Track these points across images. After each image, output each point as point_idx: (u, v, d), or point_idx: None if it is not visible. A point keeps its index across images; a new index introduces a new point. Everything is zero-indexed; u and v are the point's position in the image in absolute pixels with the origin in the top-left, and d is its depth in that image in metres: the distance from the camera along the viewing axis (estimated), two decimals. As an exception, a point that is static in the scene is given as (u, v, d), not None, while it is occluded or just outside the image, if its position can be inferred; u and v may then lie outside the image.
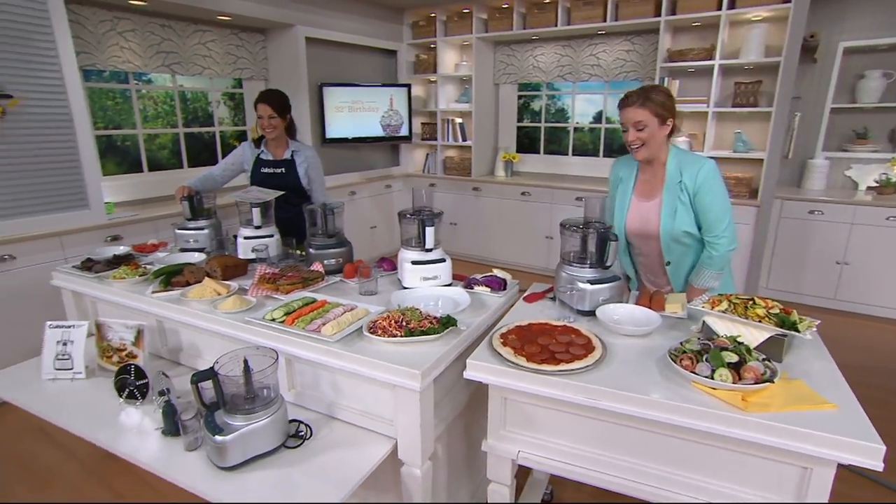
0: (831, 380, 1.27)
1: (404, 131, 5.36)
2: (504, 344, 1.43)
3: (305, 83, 4.43)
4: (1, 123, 2.68)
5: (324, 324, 1.57)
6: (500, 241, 5.15)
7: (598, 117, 5.09)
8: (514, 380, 1.34)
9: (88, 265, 2.14)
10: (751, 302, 1.40)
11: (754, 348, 1.30)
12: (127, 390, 1.68)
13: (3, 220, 2.75)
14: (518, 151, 5.54)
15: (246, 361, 1.40)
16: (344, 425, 1.58)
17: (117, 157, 3.74)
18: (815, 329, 1.36)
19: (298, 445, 1.47)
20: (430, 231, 1.89)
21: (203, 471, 1.38)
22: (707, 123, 4.04)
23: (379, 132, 5.20)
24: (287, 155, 2.76)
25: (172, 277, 1.96)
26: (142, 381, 1.68)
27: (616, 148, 5.04)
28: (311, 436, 1.51)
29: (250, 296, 1.83)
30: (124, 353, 1.79)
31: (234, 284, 1.92)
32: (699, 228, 1.89)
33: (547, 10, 4.52)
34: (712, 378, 1.18)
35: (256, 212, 2.21)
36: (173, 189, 2.51)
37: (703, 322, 1.44)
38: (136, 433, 1.56)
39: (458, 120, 5.39)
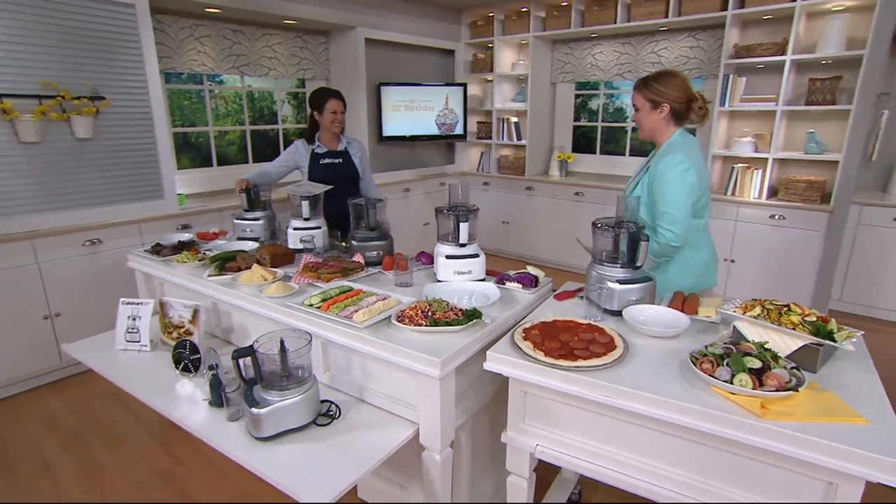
0: (870, 394, 1.20)
1: (459, 130, 5.43)
2: (525, 338, 1.45)
3: (364, 82, 4.59)
4: (95, 122, 2.99)
5: (356, 311, 1.66)
6: (551, 240, 5.10)
7: (658, 116, 4.92)
8: (531, 373, 1.36)
9: (157, 249, 2.37)
10: (786, 308, 1.34)
11: (786, 356, 1.25)
12: (182, 363, 1.86)
13: (93, 208, 3.08)
14: (574, 151, 5.46)
15: (282, 341, 1.50)
16: (371, 408, 1.66)
17: (191, 152, 4.07)
18: (855, 340, 1.28)
19: (328, 424, 1.57)
20: (464, 227, 1.94)
21: (241, 440, 1.51)
22: (775, 123, 3.80)
23: (434, 131, 5.29)
24: (342, 147, 2.93)
25: (227, 263, 2.12)
26: (195, 356, 1.84)
27: (676, 148, 4.84)
28: (339, 415, 1.60)
29: (294, 282, 1.96)
30: (182, 330, 1.97)
31: (280, 271, 2.06)
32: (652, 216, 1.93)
33: (606, 6, 4.43)
34: (731, 383, 1.14)
35: (305, 205, 2.35)
36: (238, 182, 2.71)
37: (734, 327, 1.39)
38: (187, 402, 1.72)
39: (514, 119, 5.39)
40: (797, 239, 3.73)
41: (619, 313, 1.61)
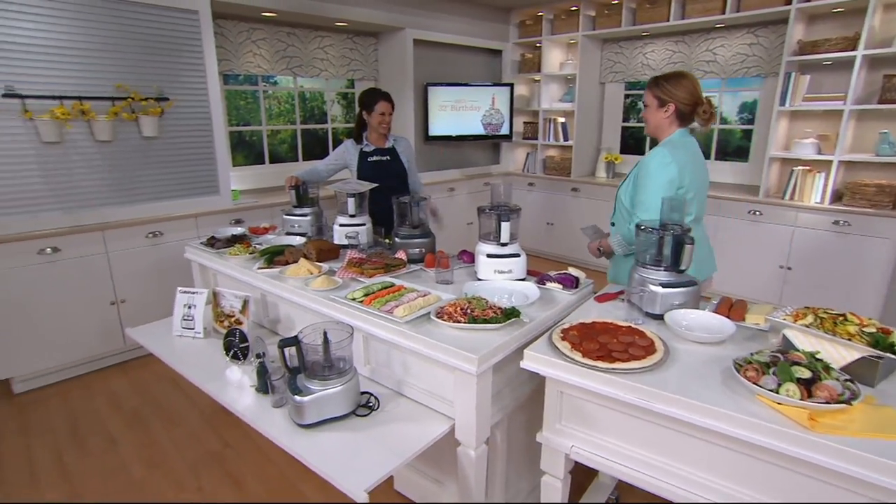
0: (934, 412, 1.12)
1: (505, 130, 5.41)
2: (563, 338, 1.45)
3: (411, 83, 4.66)
4: (160, 122, 3.19)
5: (397, 306, 1.70)
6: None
7: (713, 116, 4.73)
8: (568, 373, 1.35)
9: (212, 242, 2.50)
10: (841, 318, 1.27)
11: (840, 368, 1.19)
12: (232, 351, 1.95)
13: (156, 202, 3.28)
14: (622, 152, 5.34)
15: (325, 333, 1.56)
16: (409, 402, 1.69)
17: (245, 150, 4.26)
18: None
19: (367, 415, 1.61)
20: (505, 226, 1.94)
21: (285, 426, 1.57)
22: (842, 123, 3.57)
23: (480, 131, 5.30)
24: (389, 144, 3.01)
25: (275, 256, 2.22)
26: (244, 345, 1.93)
27: (730, 150, 4.65)
28: (378, 407, 1.64)
29: (338, 277, 2.02)
30: (233, 319, 2.08)
31: (325, 266, 2.13)
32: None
33: (659, 4, 4.30)
34: (777, 392, 1.10)
35: (351, 202, 2.42)
36: (288, 179, 2.82)
37: (783, 335, 1.33)
38: (236, 388, 1.81)
39: (561, 119, 5.32)
40: (864, 247, 3.50)
41: (660, 317, 1.58)
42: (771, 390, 1.11)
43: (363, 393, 1.67)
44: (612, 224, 2.19)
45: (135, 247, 3.15)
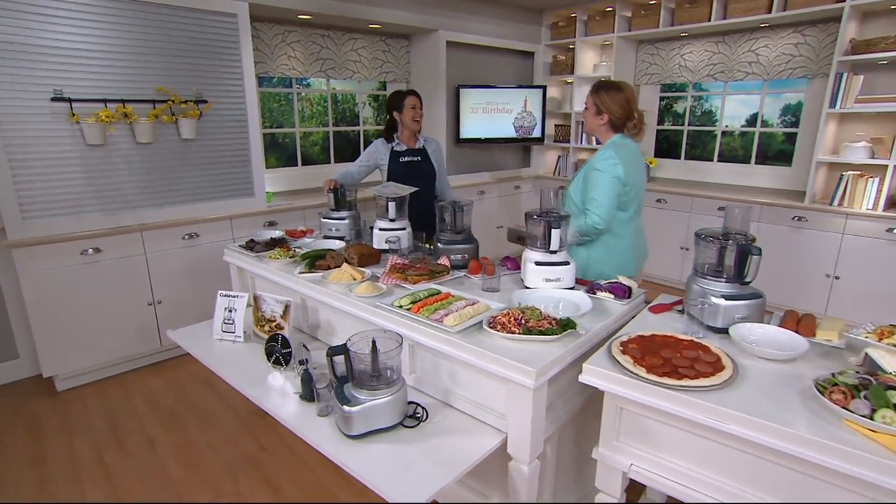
0: None
1: (537, 133, 5.33)
2: (623, 352, 1.39)
3: (444, 85, 4.62)
4: (199, 124, 3.21)
5: (447, 315, 1.65)
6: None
7: (752, 120, 4.58)
8: (632, 390, 1.29)
9: (251, 245, 2.49)
10: (934, 337, 1.19)
11: (935, 393, 1.10)
12: (274, 356, 1.93)
13: (193, 204, 3.30)
14: (656, 156, 5.22)
15: (374, 342, 1.52)
16: (458, 413, 1.65)
17: (277, 152, 4.27)
18: None
19: (415, 426, 1.57)
20: (555, 233, 1.88)
21: (331, 436, 1.54)
22: (897, 126, 3.42)
23: (511, 133, 5.23)
24: (419, 144, 2.99)
25: (317, 261, 2.19)
26: (286, 350, 1.91)
27: (771, 155, 4.50)
28: (426, 418, 1.60)
29: (382, 283, 1.99)
30: (274, 324, 2.06)
31: (367, 271, 2.09)
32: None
33: (700, 3, 4.18)
34: (872, 419, 1.02)
35: (392, 206, 2.39)
36: (320, 181, 2.80)
37: (866, 354, 1.25)
38: (278, 394, 1.79)
39: (593, 121, 5.22)
40: (919, 256, 3.34)
41: (722, 331, 1.50)
42: (863, 416, 1.03)
43: (410, 403, 1.63)
44: None
45: (171, 248, 3.18)
